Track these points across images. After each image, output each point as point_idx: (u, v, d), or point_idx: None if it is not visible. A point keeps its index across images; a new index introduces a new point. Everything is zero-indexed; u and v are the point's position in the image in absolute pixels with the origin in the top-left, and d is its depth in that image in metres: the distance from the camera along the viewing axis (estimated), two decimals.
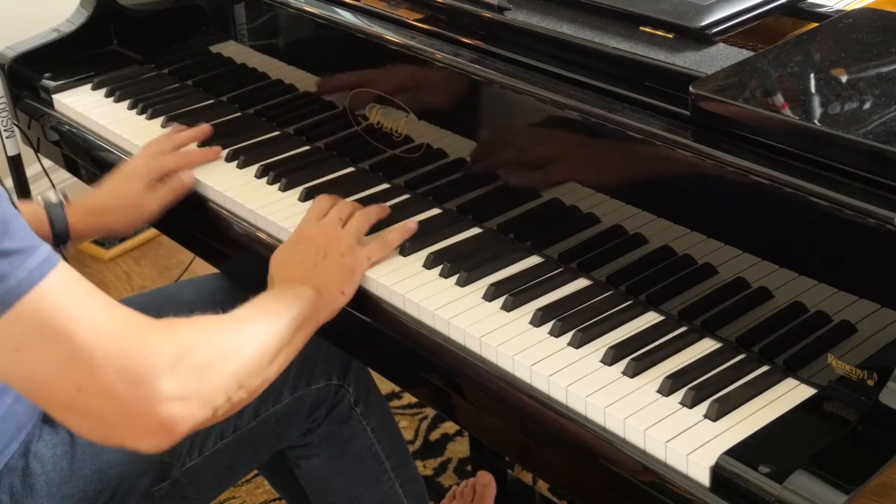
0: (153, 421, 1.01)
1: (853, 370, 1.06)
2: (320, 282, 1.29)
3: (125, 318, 1.03)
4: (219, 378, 1.07)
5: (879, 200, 1.02)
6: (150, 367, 1.00)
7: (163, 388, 1.00)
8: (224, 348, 1.10)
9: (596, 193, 1.29)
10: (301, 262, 1.33)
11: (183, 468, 1.36)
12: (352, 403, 1.51)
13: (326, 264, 1.32)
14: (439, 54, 1.40)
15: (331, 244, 1.33)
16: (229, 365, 1.09)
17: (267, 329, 1.18)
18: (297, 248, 1.36)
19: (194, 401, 1.03)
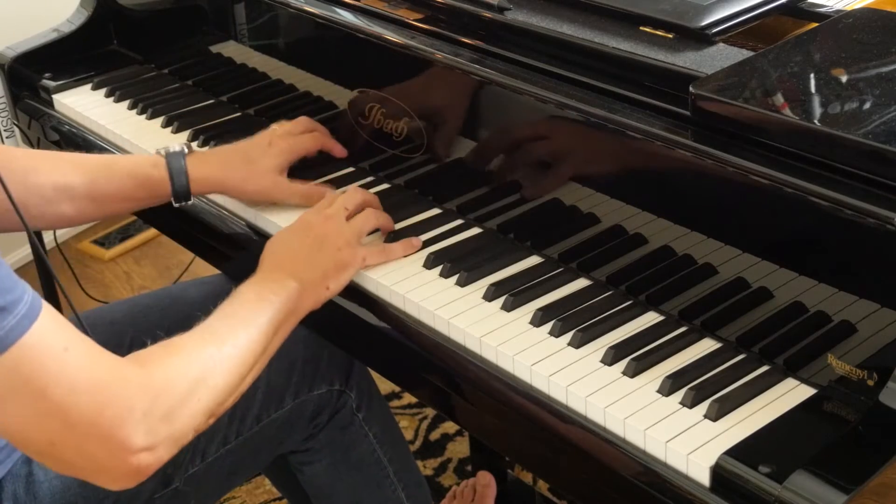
0: (122, 471, 1.04)
1: (853, 370, 1.06)
2: (308, 274, 1.27)
3: (100, 370, 1.02)
4: (188, 417, 1.08)
5: (879, 200, 1.02)
6: (122, 423, 1.01)
7: (133, 442, 1.02)
8: (198, 382, 1.09)
9: (596, 193, 1.29)
10: (294, 250, 1.30)
11: (185, 475, 1.35)
12: (354, 409, 1.50)
13: (320, 256, 1.30)
14: (439, 54, 1.40)
15: (329, 236, 1.31)
16: (202, 400, 1.09)
17: (243, 345, 1.16)
18: (295, 234, 1.34)
19: (163, 446, 1.05)
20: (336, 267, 1.30)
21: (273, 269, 1.28)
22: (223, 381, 1.12)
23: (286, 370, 1.43)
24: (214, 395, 1.11)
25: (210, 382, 1.11)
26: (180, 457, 1.33)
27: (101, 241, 3.02)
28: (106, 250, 2.98)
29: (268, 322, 1.20)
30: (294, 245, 1.31)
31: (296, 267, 1.27)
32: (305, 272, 1.27)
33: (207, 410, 1.10)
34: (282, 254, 1.30)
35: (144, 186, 1.43)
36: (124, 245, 3.00)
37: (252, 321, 1.19)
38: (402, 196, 1.51)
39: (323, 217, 1.34)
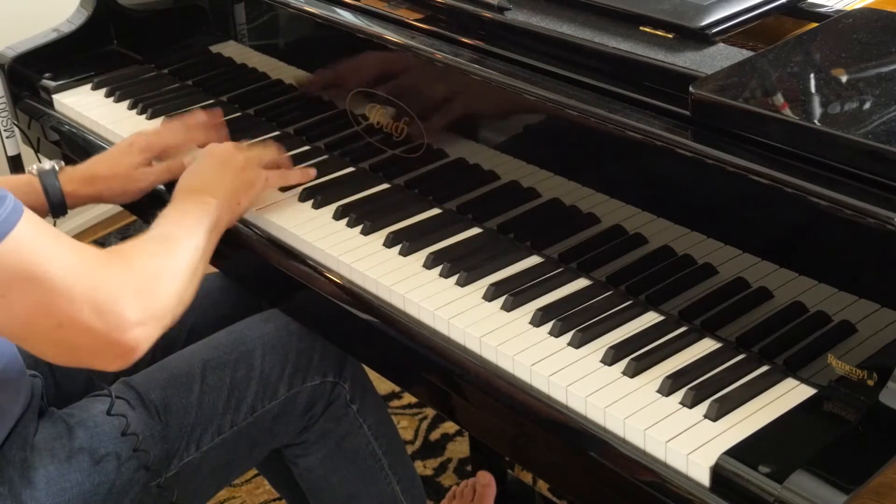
0: (122, 346, 1.12)
1: (853, 370, 1.06)
2: (220, 192, 1.38)
3: (91, 257, 1.12)
4: (167, 298, 1.18)
5: (879, 200, 1.02)
6: (119, 300, 1.11)
7: (129, 316, 1.12)
8: (166, 270, 1.21)
9: (596, 193, 1.29)
10: (201, 173, 1.43)
11: (181, 463, 1.36)
12: (348, 401, 1.51)
13: (225, 175, 1.42)
14: (439, 54, 1.40)
15: (230, 159, 1.45)
16: (175, 283, 1.20)
17: (190, 245, 1.27)
18: (200, 161, 1.46)
19: (151, 323, 1.15)
20: (243, 183, 1.43)
21: (187, 190, 1.39)
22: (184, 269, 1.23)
23: (280, 361, 1.44)
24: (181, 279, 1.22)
25: (175, 269, 1.22)
26: (176, 444, 1.34)
27: (101, 242, 3.01)
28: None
29: (204, 230, 1.31)
30: (200, 170, 1.44)
31: (207, 187, 1.39)
32: (216, 190, 1.39)
33: (178, 294, 1.21)
34: (192, 180, 1.42)
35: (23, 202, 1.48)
36: None
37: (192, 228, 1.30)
38: (402, 196, 1.51)
39: (224, 144, 1.49)
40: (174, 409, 1.36)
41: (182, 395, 1.37)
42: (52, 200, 1.50)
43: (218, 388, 1.40)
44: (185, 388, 1.38)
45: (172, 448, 1.36)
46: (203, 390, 1.39)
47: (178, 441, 1.36)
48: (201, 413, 1.38)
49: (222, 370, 1.41)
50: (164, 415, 1.36)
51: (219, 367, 1.41)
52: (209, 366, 1.41)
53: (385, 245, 1.40)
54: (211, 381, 1.40)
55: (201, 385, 1.39)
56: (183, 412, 1.37)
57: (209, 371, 1.40)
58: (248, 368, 1.42)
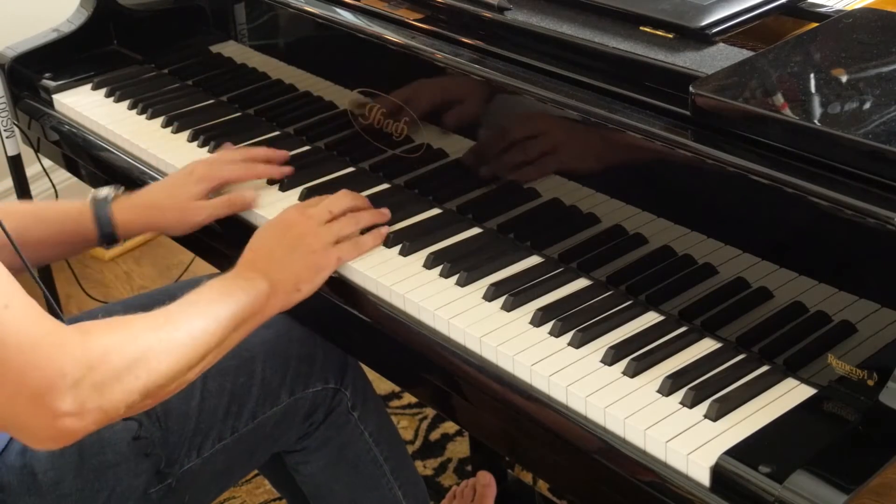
0: (46, 433, 1.04)
1: (853, 370, 1.06)
2: (280, 275, 1.29)
3: (38, 331, 1.03)
4: (123, 393, 1.08)
5: (879, 200, 1.02)
6: (52, 386, 1.02)
7: (59, 406, 1.02)
8: (139, 361, 1.09)
9: (596, 193, 1.29)
10: (270, 249, 1.32)
11: (181, 470, 1.36)
12: (349, 407, 1.51)
13: (293, 257, 1.31)
14: (439, 54, 1.40)
15: (306, 237, 1.33)
16: (140, 379, 1.09)
17: (197, 333, 1.16)
18: (273, 230, 1.36)
19: (90, 416, 1.05)
20: (309, 269, 1.32)
21: (246, 266, 1.30)
22: (166, 366, 1.12)
23: (281, 368, 1.43)
24: (155, 377, 1.11)
25: (152, 363, 1.10)
26: (176, 451, 1.34)
27: None
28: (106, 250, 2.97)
29: (229, 316, 1.21)
30: (271, 243, 1.33)
31: (269, 267, 1.29)
32: (278, 273, 1.29)
33: (144, 390, 1.10)
34: (257, 251, 1.33)
35: (74, 232, 1.47)
36: (124, 245, 3.00)
37: (212, 313, 1.20)
38: (402, 196, 1.51)
39: (304, 216, 1.36)
40: (175, 416, 1.36)
41: (183, 402, 1.37)
42: (103, 230, 1.46)
43: (219, 395, 1.39)
44: (186, 394, 1.37)
45: (173, 454, 1.35)
46: (204, 396, 1.38)
47: (179, 447, 1.36)
48: (202, 419, 1.38)
49: (223, 376, 1.40)
50: (164, 421, 1.35)
51: (219, 374, 1.40)
52: (210, 372, 1.40)
53: (385, 245, 1.40)
54: (211, 387, 1.39)
55: (202, 391, 1.38)
56: (184, 418, 1.36)
57: (210, 377, 1.39)
58: (249, 375, 1.42)
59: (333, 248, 1.34)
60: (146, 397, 1.11)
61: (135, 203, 1.49)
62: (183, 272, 2.62)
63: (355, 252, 1.36)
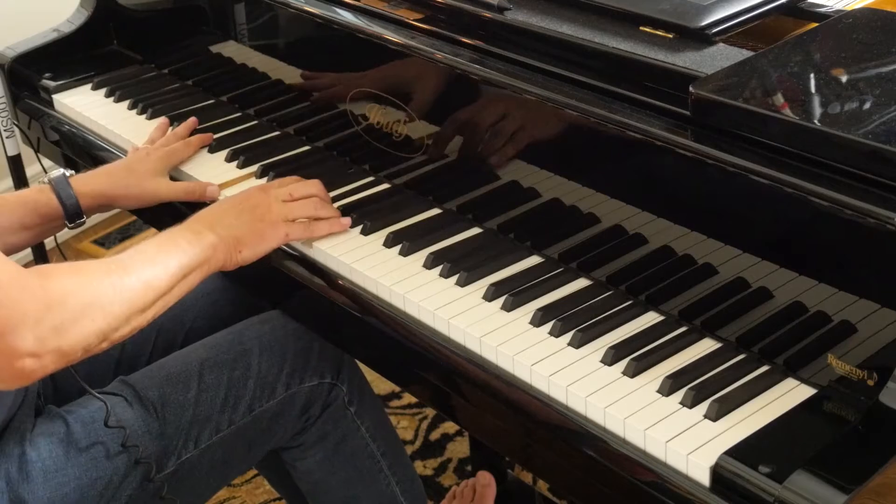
0: (7, 372, 1.09)
1: (853, 370, 1.06)
2: (226, 233, 1.34)
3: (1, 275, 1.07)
4: (81, 334, 1.13)
5: (879, 200, 1.02)
6: (12, 325, 1.06)
7: (20, 347, 1.07)
8: (94, 304, 1.14)
9: (596, 193, 1.29)
10: (223, 209, 1.38)
11: (179, 461, 1.37)
12: (345, 402, 1.51)
13: (241, 219, 1.37)
14: (439, 54, 1.40)
15: (258, 207, 1.39)
16: (96, 321, 1.14)
17: (147, 279, 1.21)
18: (231, 198, 1.43)
19: (49, 356, 1.10)
20: (254, 234, 1.37)
21: (196, 220, 1.36)
22: (119, 309, 1.17)
23: (277, 362, 1.44)
24: (109, 321, 1.16)
25: (107, 307, 1.15)
26: (173, 442, 1.35)
27: (101, 241, 3.02)
28: (106, 250, 2.98)
29: (177, 265, 1.26)
30: (225, 205, 1.40)
31: (217, 223, 1.34)
32: (224, 229, 1.34)
33: (100, 332, 1.15)
34: (210, 211, 1.39)
35: (37, 212, 1.49)
36: (124, 245, 3.00)
37: (160, 261, 1.25)
38: (402, 196, 1.51)
39: (263, 191, 1.43)
40: (171, 407, 1.37)
41: (179, 393, 1.38)
42: (68, 208, 1.49)
43: (215, 387, 1.40)
44: (183, 386, 1.39)
45: (170, 445, 1.36)
46: (200, 388, 1.39)
47: (176, 438, 1.36)
48: (199, 411, 1.38)
49: (220, 369, 1.41)
50: (161, 412, 1.36)
51: (216, 367, 1.41)
52: (206, 365, 1.41)
53: (385, 245, 1.40)
54: (208, 379, 1.40)
55: (199, 383, 1.39)
56: (180, 410, 1.37)
57: (206, 370, 1.41)
58: (245, 368, 1.42)
59: (283, 223, 1.39)
60: (102, 340, 1.16)
61: (94, 175, 1.55)
62: None
63: (306, 234, 1.41)
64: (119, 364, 1.51)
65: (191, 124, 1.70)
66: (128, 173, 1.56)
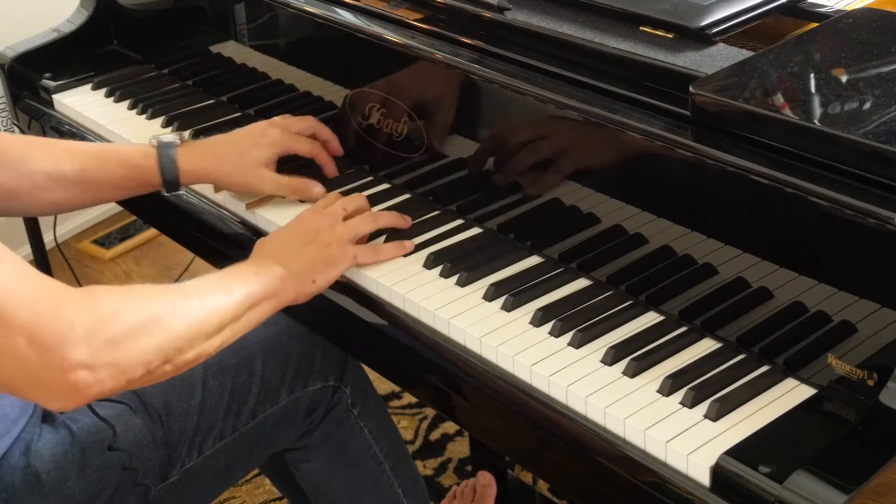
0: (60, 386, 1.01)
1: (853, 370, 1.06)
2: (294, 265, 1.28)
3: (42, 287, 1.02)
4: (138, 349, 1.06)
5: (879, 200, 1.02)
6: (61, 335, 1.00)
7: (72, 357, 1.00)
8: (150, 319, 1.08)
9: (596, 193, 1.29)
10: (285, 242, 1.32)
11: (183, 468, 1.36)
12: (349, 405, 1.51)
13: (308, 249, 1.30)
14: (439, 54, 1.40)
15: (320, 232, 1.32)
16: (153, 337, 1.07)
17: (210, 304, 1.15)
18: (288, 228, 1.35)
19: (105, 370, 1.03)
20: (324, 261, 1.30)
21: (260, 256, 1.30)
22: (180, 328, 1.11)
23: (281, 366, 1.44)
24: (169, 338, 1.09)
25: (166, 324, 1.09)
26: (177, 450, 1.34)
27: (101, 241, 3.01)
28: (106, 250, 2.98)
29: (244, 294, 1.20)
30: (285, 237, 1.33)
31: (283, 257, 1.28)
32: (292, 262, 1.28)
33: (161, 350, 1.08)
34: (271, 245, 1.32)
35: (134, 176, 1.46)
36: (124, 245, 3.00)
37: (226, 289, 1.19)
38: (402, 196, 1.50)
39: (318, 214, 1.35)
40: (176, 414, 1.36)
41: (183, 400, 1.37)
42: (166, 176, 1.44)
43: (219, 393, 1.40)
44: (187, 393, 1.38)
45: (175, 453, 1.35)
46: (205, 395, 1.38)
47: (180, 446, 1.36)
48: (203, 418, 1.38)
49: (223, 375, 1.41)
50: (165, 419, 1.35)
51: (220, 372, 1.40)
52: (210, 371, 1.40)
53: None
54: (212, 385, 1.39)
55: (203, 390, 1.39)
56: (184, 417, 1.37)
57: (210, 376, 1.40)
58: (249, 373, 1.42)
59: (350, 245, 1.33)
60: (164, 360, 1.09)
61: (199, 152, 1.47)
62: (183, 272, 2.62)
63: (373, 257, 1.35)
64: None
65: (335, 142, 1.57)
66: (235, 157, 1.47)
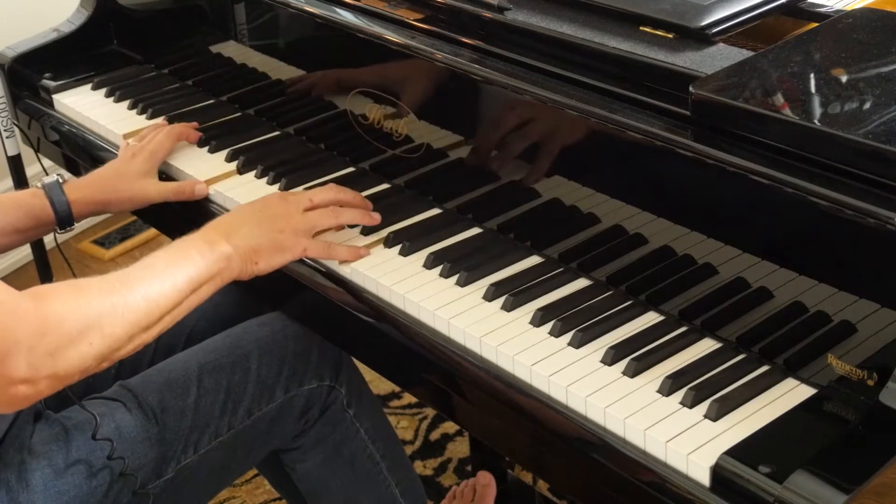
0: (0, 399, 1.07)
1: (853, 370, 1.06)
2: (242, 242, 1.29)
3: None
4: (78, 358, 1.10)
5: (879, 200, 1.02)
6: (5, 353, 1.05)
7: (13, 374, 1.05)
8: (93, 327, 1.12)
9: (596, 193, 1.29)
10: (241, 218, 1.34)
11: (178, 466, 1.36)
12: (344, 405, 1.51)
13: (259, 230, 1.32)
14: (439, 54, 1.40)
15: (277, 218, 1.34)
16: (93, 345, 1.12)
17: (153, 296, 1.18)
18: (248, 206, 1.38)
19: (44, 381, 1.08)
20: (272, 246, 1.32)
21: (212, 228, 1.31)
22: (121, 330, 1.14)
23: (276, 365, 1.44)
24: (110, 342, 1.13)
25: (107, 329, 1.13)
26: (173, 447, 1.34)
27: (101, 241, 3.01)
28: (106, 250, 2.98)
29: (186, 279, 1.22)
30: (242, 214, 1.35)
31: (232, 232, 1.30)
32: (239, 239, 1.30)
33: (99, 355, 1.13)
34: (228, 218, 1.35)
35: (31, 216, 1.49)
36: (124, 245, 3.00)
37: (169, 275, 1.21)
38: (402, 196, 1.51)
39: (283, 200, 1.38)
40: (171, 412, 1.36)
41: (179, 398, 1.37)
42: (59, 213, 1.49)
43: (215, 392, 1.40)
44: (182, 391, 1.38)
45: (169, 451, 1.35)
46: (200, 393, 1.39)
47: (176, 444, 1.36)
48: (198, 416, 1.38)
49: (219, 373, 1.41)
50: (161, 417, 1.35)
51: (215, 371, 1.41)
52: (206, 369, 1.41)
53: (385, 245, 1.40)
54: (207, 384, 1.40)
55: (198, 388, 1.39)
56: (180, 415, 1.37)
57: (206, 374, 1.40)
58: (244, 372, 1.42)
59: (303, 237, 1.35)
60: (101, 361, 1.14)
61: (83, 182, 1.54)
62: None
63: (324, 254, 1.36)
64: (120, 366, 1.51)
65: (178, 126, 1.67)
66: (116, 176, 1.55)
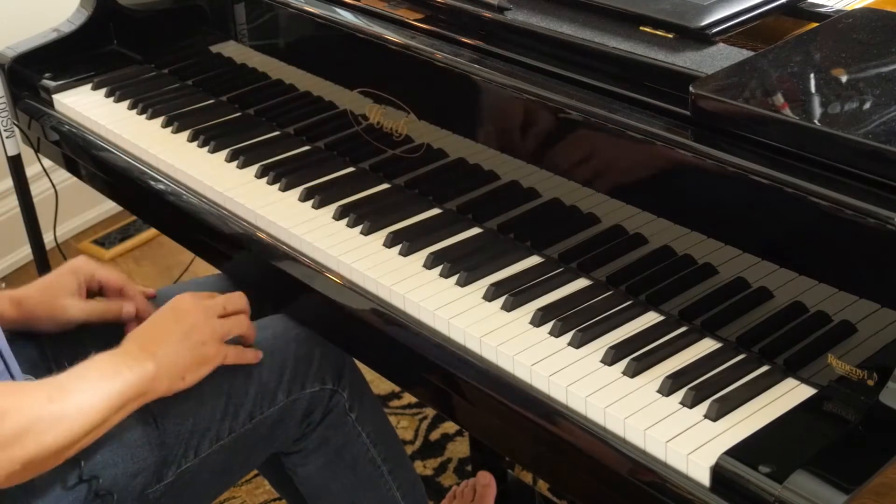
0: None
1: (853, 370, 1.07)
2: (168, 361, 1.29)
3: None
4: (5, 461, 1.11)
5: (879, 200, 1.02)
6: None
7: None
8: (25, 433, 1.12)
9: (596, 193, 1.29)
10: (162, 333, 1.32)
11: (178, 470, 1.36)
12: (346, 409, 1.50)
13: (183, 346, 1.31)
14: (439, 54, 1.40)
15: (198, 328, 1.33)
16: (24, 449, 1.13)
17: (86, 411, 1.18)
18: (168, 315, 1.35)
19: None
20: (197, 360, 1.32)
21: (137, 346, 1.30)
22: (53, 440, 1.15)
23: (278, 368, 1.44)
24: (39, 450, 1.14)
25: (40, 436, 1.14)
26: (174, 451, 1.34)
27: (101, 241, 3.01)
28: (106, 250, 2.98)
29: (115, 395, 1.22)
30: (164, 328, 1.33)
31: (158, 350, 1.29)
32: (166, 358, 1.29)
33: (27, 461, 1.13)
34: (149, 333, 1.33)
35: None
36: (124, 245, 3.00)
37: (100, 389, 1.21)
38: (402, 196, 1.51)
39: (198, 307, 1.35)
40: (172, 416, 1.36)
41: (179, 402, 1.37)
42: None
43: (216, 395, 1.39)
44: (183, 394, 1.38)
45: (170, 455, 1.35)
46: (201, 397, 1.38)
47: (176, 448, 1.36)
48: (199, 420, 1.38)
49: (220, 377, 1.40)
50: (161, 421, 1.35)
51: (217, 374, 1.40)
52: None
53: (385, 245, 1.40)
54: (208, 387, 1.39)
55: (199, 391, 1.38)
56: (181, 419, 1.36)
57: (207, 378, 1.40)
58: (246, 375, 1.42)
59: (222, 345, 1.35)
60: (26, 468, 1.14)
61: (9, 297, 1.47)
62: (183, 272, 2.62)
63: (241, 360, 1.38)
64: None
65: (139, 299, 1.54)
66: (37, 294, 1.46)
